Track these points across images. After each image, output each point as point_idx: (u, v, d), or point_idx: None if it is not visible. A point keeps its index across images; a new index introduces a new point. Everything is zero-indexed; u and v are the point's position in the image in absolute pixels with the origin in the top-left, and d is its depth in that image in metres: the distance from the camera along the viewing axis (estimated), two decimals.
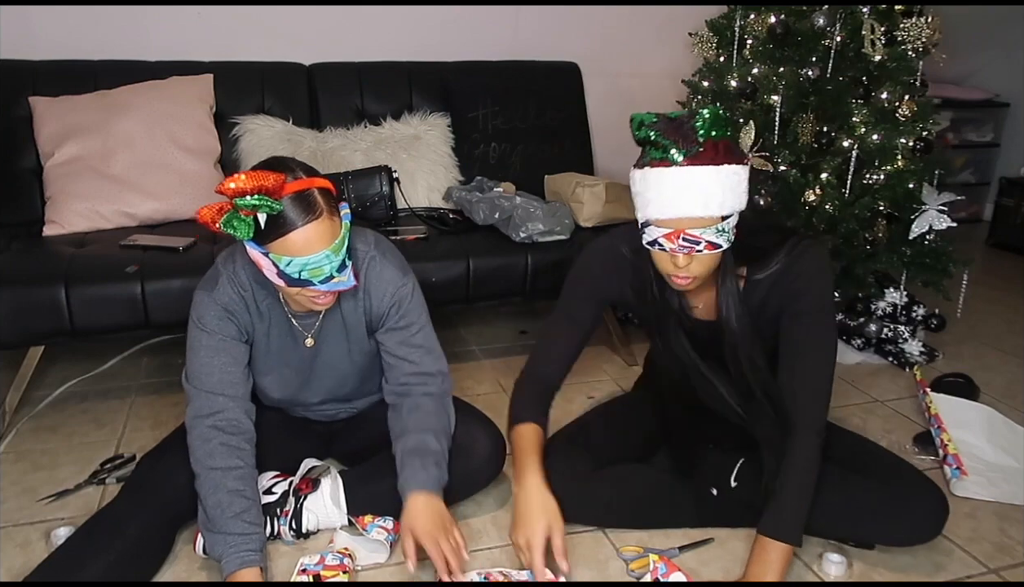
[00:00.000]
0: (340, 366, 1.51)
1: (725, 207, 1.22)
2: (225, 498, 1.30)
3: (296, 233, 1.20)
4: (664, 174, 1.20)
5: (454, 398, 1.72)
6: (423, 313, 1.51)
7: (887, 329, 2.37)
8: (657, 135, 1.20)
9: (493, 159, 2.66)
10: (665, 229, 1.23)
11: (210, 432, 1.35)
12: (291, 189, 1.19)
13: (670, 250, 1.25)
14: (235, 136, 2.44)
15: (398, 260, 1.48)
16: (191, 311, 1.40)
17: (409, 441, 1.41)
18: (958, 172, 4.13)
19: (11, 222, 2.20)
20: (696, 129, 1.18)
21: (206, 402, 1.37)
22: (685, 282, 1.30)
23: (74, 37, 2.44)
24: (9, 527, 1.51)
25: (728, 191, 1.21)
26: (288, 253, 1.22)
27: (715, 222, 1.22)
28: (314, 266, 1.23)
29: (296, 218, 1.19)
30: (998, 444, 1.84)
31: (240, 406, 1.39)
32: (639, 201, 1.27)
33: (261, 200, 1.15)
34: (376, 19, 2.75)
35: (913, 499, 1.40)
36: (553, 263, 2.14)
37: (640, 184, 1.26)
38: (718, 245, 1.24)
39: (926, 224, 2.21)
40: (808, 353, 1.35)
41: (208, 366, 1.38)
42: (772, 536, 1.30)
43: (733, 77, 2.32)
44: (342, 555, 1.38)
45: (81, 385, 2.16)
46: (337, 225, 1.26)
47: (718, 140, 1.19)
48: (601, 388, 2.17)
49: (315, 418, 1.62)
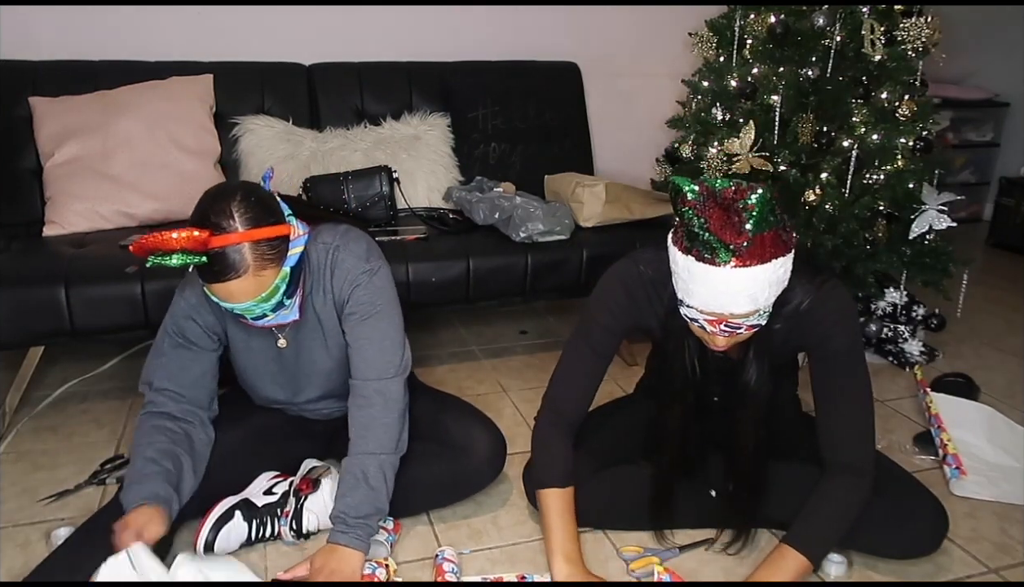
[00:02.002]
0: (322, 363, 1.49)
1: (770, 299, 1.18)
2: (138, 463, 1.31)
3: (218, 285, 1.20)
4: (710, 272, 1.13)
5: (454, 398, 1.73)
6: (382, 300, 1.42)
7: (887, 329, 2.37)
8: (701, 224, 1.11)
9: (493, 159, 2.66)
10: (708, 317, 1.20)
11: (144, 418, 1.38)
12: (217, 243, 1.17)
13: (711, 333, 1.23)
14: (235, 136, 2.44)
15: (363, 247, 1.41)
16: None
17: (353, 466, 1.37)
18: (958, 172, 4.13)
19: (11, 222, 2.20)
20: (745, 220, 1.10)
21: (151, 398, 1.40)
22: (723, 349, 1.28)
23: (74, 37, 2.44)
24: (9, 527, 1.51)
25: (775, 284, 1.17)
26: (215, 295, 1.23)
27: (759, 310, 1.18)
28: (241, 310, 1.25)
29: (219, 272, 1.18)
30: (998, 444, 1.84)
31: (184, 406, 1.40)
32: (680, 284, 1.21)
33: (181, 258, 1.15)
34: (376, 19, 2.75)
35: (913, 512, 1.40)
36: (553, 263, 2.14)
37: (684, 271, 1.18)
38: (759, 326, 1.22)
39: (926, 224, 2.21)
40: (842, 396, 1.33)
41: (160, 366, 1.41)
42: (794, 545, 1.30)
43: (733, 77, 2.32)
44: (377, 565, 1.35)
45: (81, 385, 2.16)
46: (268, 277, 1.22)
47: (766, 232, 1.12)
48: (601, 388, 2.15)
49: (314, 418, 1.62)
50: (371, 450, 1.37)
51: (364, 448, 1.38)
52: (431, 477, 1.52)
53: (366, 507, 1.33)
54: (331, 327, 1.45)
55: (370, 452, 1.37)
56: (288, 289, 1.27)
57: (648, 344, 1.76)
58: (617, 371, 2.29)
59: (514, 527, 1.55)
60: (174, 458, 1.34)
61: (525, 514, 1.59)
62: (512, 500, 1.63)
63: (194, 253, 1.15)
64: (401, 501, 1.50)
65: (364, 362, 1.41)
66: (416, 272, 2.03)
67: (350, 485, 1.35)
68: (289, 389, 1.53)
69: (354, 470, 1.36)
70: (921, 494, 1.43)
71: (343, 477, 1.37)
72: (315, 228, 1.40)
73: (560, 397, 1.48)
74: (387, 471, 1.38)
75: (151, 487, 1.28)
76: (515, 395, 2.15)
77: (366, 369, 1.41)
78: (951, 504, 1.44)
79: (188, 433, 1.39)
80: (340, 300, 1.42)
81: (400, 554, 1.45)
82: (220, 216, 1.18)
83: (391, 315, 1.43)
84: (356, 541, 1.30)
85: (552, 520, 1.38)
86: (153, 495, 1.27)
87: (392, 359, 1.42)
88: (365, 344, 1.41)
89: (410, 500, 1.52)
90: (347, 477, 1.36)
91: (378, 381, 1.41)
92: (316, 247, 1.39)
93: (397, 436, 1.41)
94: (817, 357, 1.34)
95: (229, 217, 1.18)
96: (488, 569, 1.42)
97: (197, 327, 1.40)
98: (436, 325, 2.68)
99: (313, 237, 1.39)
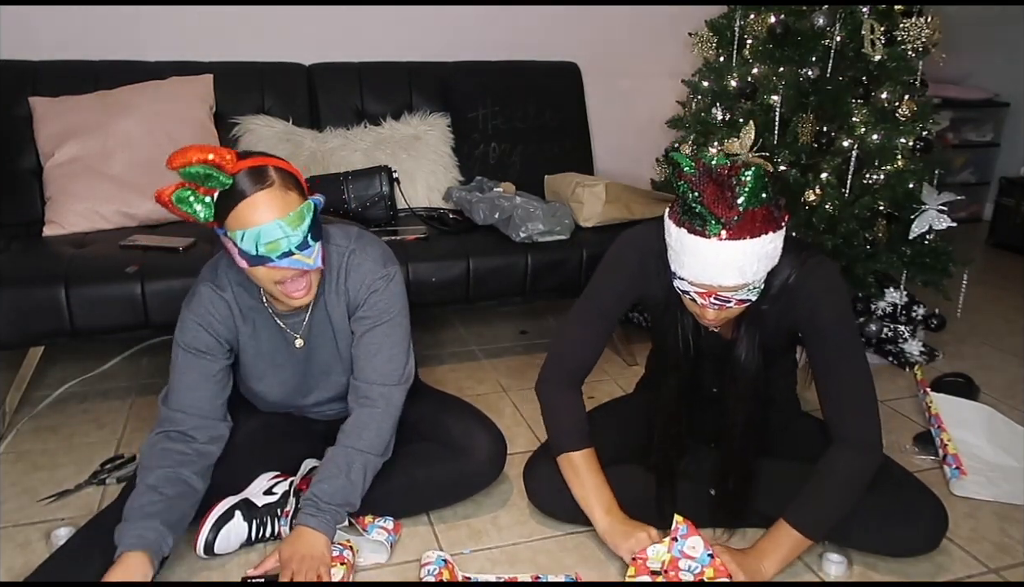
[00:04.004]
0: (333, 364, 1.50)
1: (759, 273, 1.21)
2: (138, 490, 1.31)
3: (244, 203, 1.21)
4: (700, 244, 1.18)
5: (454, 398, 1.74)
6: (396, 308, 1.44)
7: (887, 329, 2.37)
8: (695, 198, 1.16)
9: (493, 159, 2.66)
10: (698, 289, 1.24)
11: (156, 439, 1.37)
12: (243, 165, 1.21)
13: (701, 305, 1.26)
14: (235, 136, 2.44)
15: (379, 252, 1.44)
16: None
17: (339, 457, 1.38)
18: (958, 172, 4.13)
19: (11, 222, 2.20)
20: (737, 195, 1.15)
21: (167, 417, 1.39)
22: (714, 324, 1.32)
23: (74, 37, 2.44)
24: (9, 527, 1.51)
25: (764, 259, 1.20)
26: (240, 225, 1.22)
27: (747, 285, 1.22)
28: (268, 239, 1.22)
29: (245, 188, 1.20)
30: (998, 444, 1.84)
31: (198, 421, 1.39)
32: (673, 255, 1.26)
33: (206, 170, 1.16)
34: (376, 19, 2.75)
35: (913, 511, 1.40)
36: (553, 263, 2.14)
37: (676, 242, 1.23)
38: (748, 300, 1.26)
39: (926, 224, 2.21)
40: (839, 370, 1.34)
41: (177, 384, 1.40)
42: (791, 521, 1.33)
43: (733, 77, 2.32)
44: (343, 547, 1.38)
45: (81, 385, 2.16)
46: (292, 199, 1.24)
47: (758, 207, 1.16)
48: (601, 388, 2.16)
49: (315, 417, 1.62)
50: (361, 448, 1.40)
51: (354, 444, 1.40)
52: (431, 477, 1.53)
53: (339, 497, 1.35)
54: (342, 328, 1.46)
55: (359, 449, 1.40)
56: (313, 228, 1.27)
57: (648, 344, 1.77)
58: (617, 371, 2.29)
59: (514, 527, 1.55)
60: (176, 482, 1.33)
61: (525, 514, 1.59)
62: (512, 500, 1.63)
63: (220, 172, 1.17)
64: (401, 501, 1.51)
65: (372, 368, 1.44)
66: (416, 272, 2.03)
67: (331, 473, 1.37)
68: (298, 392, 1.53)
69: (338, 460, 1.38)
70: (921, 492, 1.43)
71: (325, 463, 1.39)
72: (325, 223, 1.41)
73: (568, 355, 1.50)
74: (368, 471, 1.41)
75: (139, 530, 1.25)
76: (515, 395, 2.15)
77: (373, 373, 1.44)
78: (951, 504, 1.44)
79: (200, 452, 1.39)
80: (354, 303, 1.43)
81: (400, 554, 1.45)
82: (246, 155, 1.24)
83: (403, 324, 1.47)
84: (324, 525, 1.32)
85: (583, 477, 1.42)
86: (139, 539, 1.24)
87: (398, 367, 1.45)
88: (376, 349, 1.44)
89: (410, 500, 1.53)
90: (330, 465, 1.38)
91: (383, 386, 1.44)
92: (329, 248, 1.41)
93: (387, 441, 1.44)
94: (808, 334, 1.36)
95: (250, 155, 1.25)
96: (488, 569, 1.42)
97: (207, 335, 1.40)
98: (436, 325, 2.68)
99: (327, 237, 1.40)
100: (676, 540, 1.33)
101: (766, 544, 1.34)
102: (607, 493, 1.42)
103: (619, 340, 2.38)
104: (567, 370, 1.50)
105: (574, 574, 1.39)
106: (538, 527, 1.54)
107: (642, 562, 1.33)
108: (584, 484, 1.42)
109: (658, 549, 1.33)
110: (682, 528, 1.34)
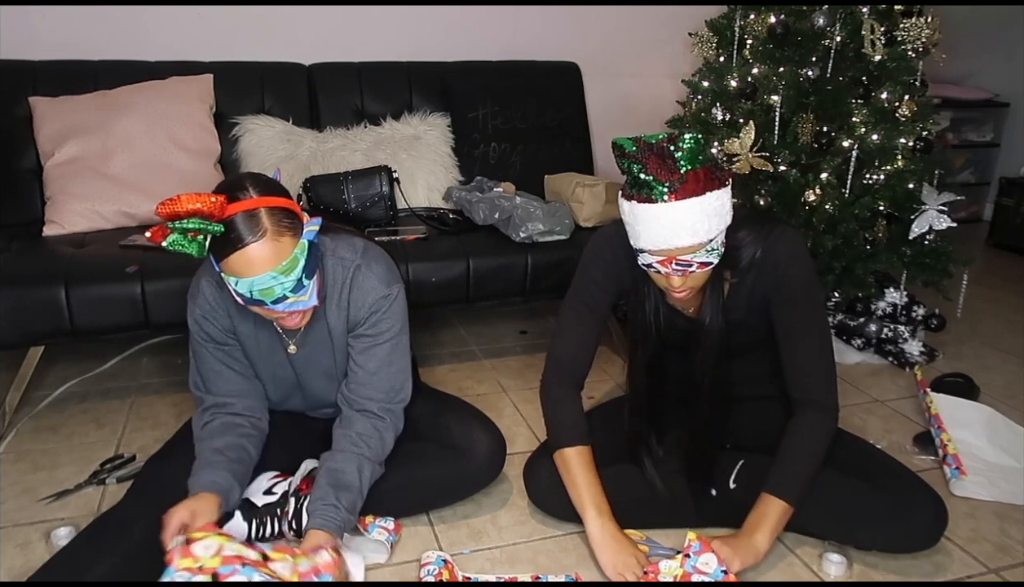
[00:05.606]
0: (328, 373, 1.50)
1: (712, 231, 1.26)
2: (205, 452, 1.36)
3: (236, 254, 1.18)
4: (650, 210, 1.25)
5: (454, 398, 1.74)
6: (397, 326, 1.45)
7: (887, 329, 2.37)
8: (640, 170, 1.24)
9: (493, 159, 2.66)
10: (658, 256, 1.29)
11: (211, 415, 1.42)
12: (233, 210, 1.17)
13: (665, 273, 1.31)
14: (235, 136, 2.44)
15: (384, 268, 1.44)
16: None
17: (334, 462, 1.39)
18: (958, 172, 4.12)
19: (11, 222, 2.20)
20: (678, 160, 1.21)
21: (214, 402, 1.44)
22: (683, 297, 1.36)
23: (74, 37, 2.44)
24: (9, 527, 1.51)
25: (713, 216, 1.26)
26: (233, 274, 1.21)
27: (704, 246, 1.27)
28: (262, 287, 1.22)
29: (236, 239, 1.18)
30: (998, 444, 1.84)
31: (247, 402, 1.45)
32: (629, 230, 1.32)
33: (197, 224, 1.14)
34: (376, 19, 2.75)
35: (912, 506, 1.40)
36: (553, 263, 2.14)
37: (629, 216, 1.30)
38: (709, 263, 1.30)
39: (926, 224, 2.21)
40: (803, 335, 1.40)
41: (207, 371, 1.44)
42: (770, 491, 1.36)
43: (733, 77, 2.32)
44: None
45: (81, 385, 2.16)
46: (287, 246, 1.21)
47: (699, 168, 1.23)
48: (601, 388, 2.17)
49: (315, 416, 1.62)
50: (369, 456, 1.41)
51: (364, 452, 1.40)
52: (431, 477, 1.53)
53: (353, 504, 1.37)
54: (340, 339, 1.46)
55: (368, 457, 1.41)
56: (307, 266, 1.25)
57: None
58: (617, 371, 2.29)
59: (514, 527, 1.55)
60: (239, 449, 1.39)
61: (525, 514, 1.59)
62: (512, 500, 1.63)
63: (210, 221, 1.15)
64: (401, 501, 1.51)
65: (373, 386, 1.45)
66: (416, 272, 2.03)
67: (349, 483, 1.36)
68: (294, 393, 1.54)
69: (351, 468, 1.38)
70: (920, 489, 1.43)
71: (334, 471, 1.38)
72: (329, 234, 1.42)
73: (564, 355, 1.53)
74: (375, 477, 1.43)
75: (211, 475, 1.32)
76: (515, 395, 2.15)
77: (373, 391, 1.45)
78: (951, 504, 1.44)
79: (256, 427, 1.46)
80: (355, 319, 1.44)
81: (400, 554, 1.45)
82: (234, 188, 1.20)
83: (403, 342, 1.48)
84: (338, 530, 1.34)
85: (577, 476, 1.44)
86: (211, 483, 1.31)
87: (397, 386, 1.47)
88: (375, 368, 1.45)
89: (410, 500, 1.53)
90: (345, 476, 1.37)
91: (387, 403, 1.46)
92: (334, 261, 1.40)
93: (388, 451, 1.46)
94: (776, 303, 1.41)
95: (243, 188, 1.20)
96: (488, 569, 1.42)
97: (213, 327, 1.42)
98: (436, 325, 2.68)
99: (331, 250, 1.40)
100: (689, 556, 1.33)
101: (753, 519, 1.37)
102: (599, 492, 1.43)
103: (619, 340, 2.38)
104: (565, 371, 1.52)
105: (574, 574, 1.39)
106: (538, 527, 1.54)
107: (653, 576, 1.32)
108: (576, 481, 1.43)
109: (670, 565, 1.33)
110: (695, 544, 1.34)
